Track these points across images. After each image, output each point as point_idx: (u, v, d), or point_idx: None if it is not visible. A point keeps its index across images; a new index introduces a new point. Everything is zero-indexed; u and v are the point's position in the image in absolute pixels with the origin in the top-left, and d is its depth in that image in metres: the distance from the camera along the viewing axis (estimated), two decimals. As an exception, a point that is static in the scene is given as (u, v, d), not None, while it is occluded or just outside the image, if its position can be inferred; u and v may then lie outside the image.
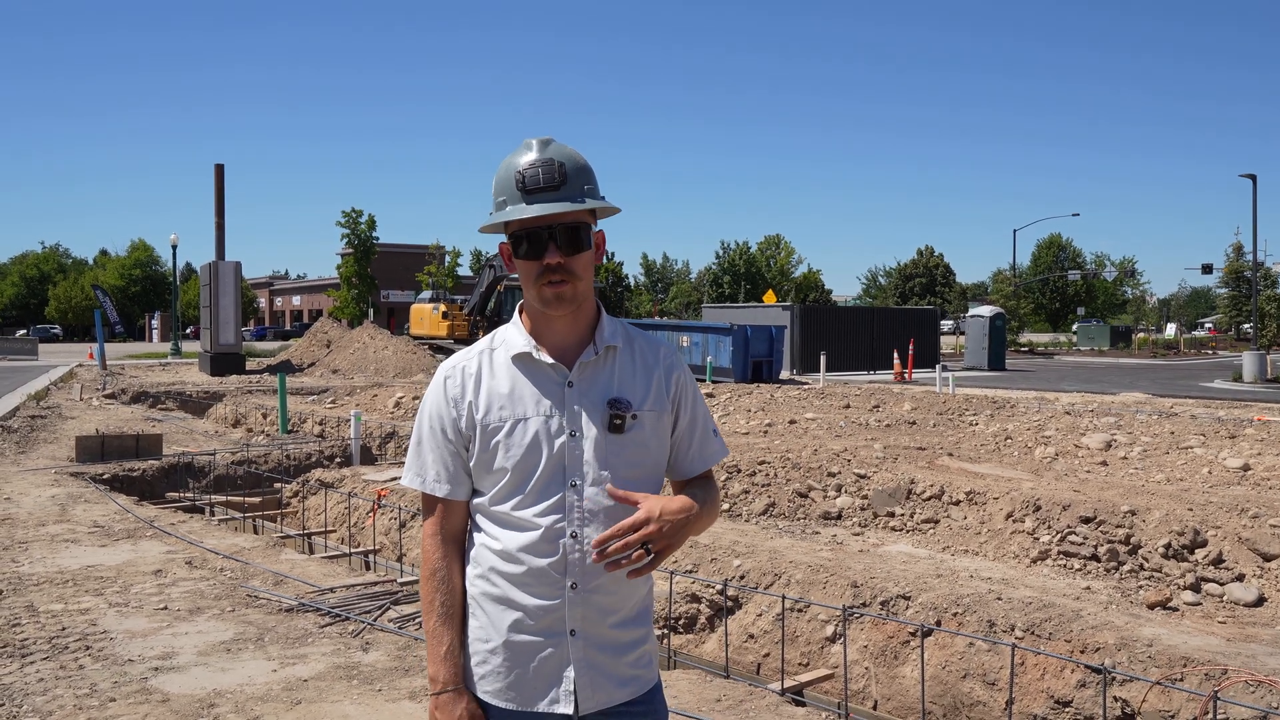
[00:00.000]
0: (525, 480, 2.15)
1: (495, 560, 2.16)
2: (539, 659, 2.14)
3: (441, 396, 2.23)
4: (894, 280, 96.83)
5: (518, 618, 2.14)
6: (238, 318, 29.20)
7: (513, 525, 2.16)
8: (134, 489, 11.15)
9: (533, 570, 2.13)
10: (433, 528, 2.23)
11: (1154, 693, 5.28)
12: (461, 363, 2.26)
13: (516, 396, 2.19)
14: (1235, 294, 58.94)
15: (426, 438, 2.24)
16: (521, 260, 2.17)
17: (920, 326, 37.70)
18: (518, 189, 2.14)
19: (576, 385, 2.19)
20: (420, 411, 2.28)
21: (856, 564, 7.34)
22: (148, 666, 5.18)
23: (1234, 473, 10.01)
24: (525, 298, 2.24)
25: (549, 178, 2.14)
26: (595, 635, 2.16)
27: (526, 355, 2.21)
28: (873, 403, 17.69)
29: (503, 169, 2.20)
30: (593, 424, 2.17)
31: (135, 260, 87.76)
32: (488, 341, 2.29)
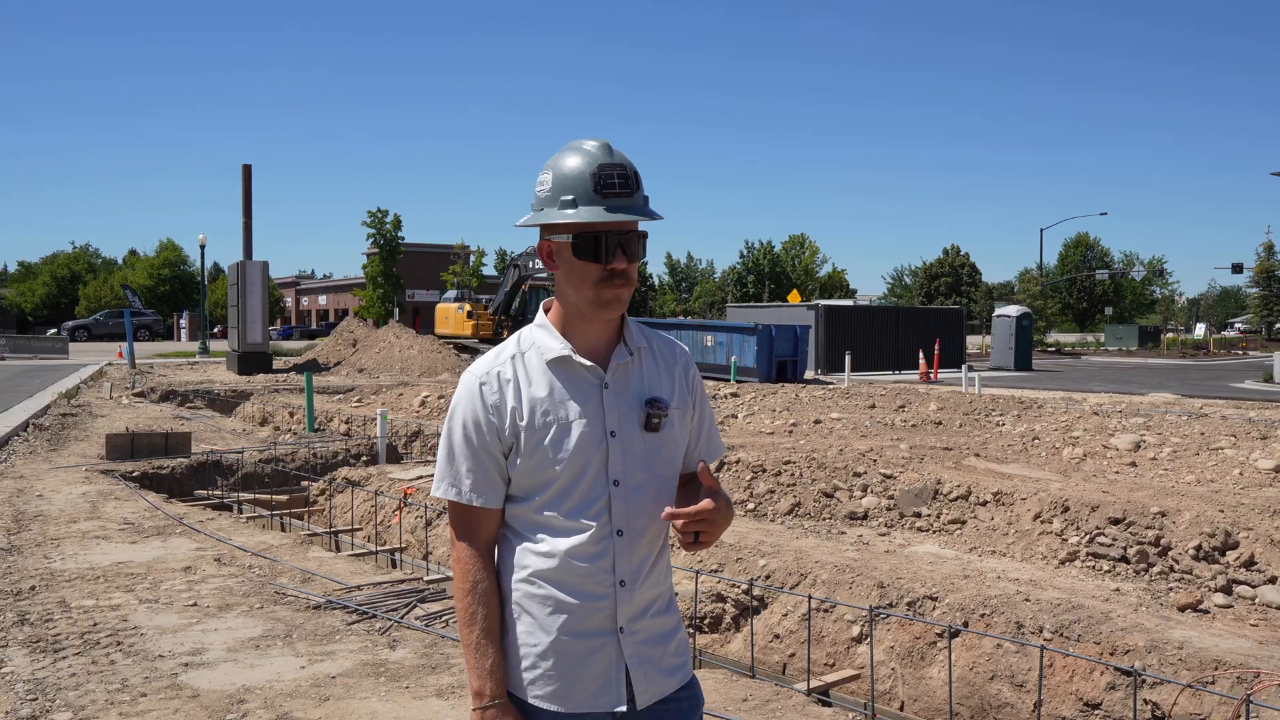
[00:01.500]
0: (573, 483, 2.15)
1: (542, 564, 2.15)
2: (592, 658, 2.15)
3: (479, 404, 2.17)
4: (919, 280, 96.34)
5: (567, 619, 2.14)
6: (265, 317, 29.39)
7: (561, 528, 2.15)
8: (163, 487, 11.25)
9: (583, 571, 2.14)
10: (469, 539, 2.18)
11: (1185, 696, 5.23)
12: (494, 368, 2.20)
13: (557, 400, 2.16)
14: (1266, 293, 58.29)
15: (460, 447, 2.18)
16: (582, 262, 2.13)
17: (946, 326, 37.49)
18: (593, 190, 2.11)
19: (612, 386, 2.20)
20: (451, 420, 2.21)
21: (883, 564, 7.31)
22: (178, 662, 5.23)
23: (1266, 474, 9.89)
24: (568, 299, 2.19)
25: (624, 183, 2.13)
26: (642, 629, 2.19)
27: (565, 359, 2.18)
28: (898, 403, 17.60)
29: (566, 167, 2.14)
30: (630, 424, 2.19)
31: (164, 260, 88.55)
32: (514, 345, 2.25)
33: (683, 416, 2.28)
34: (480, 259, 60.18)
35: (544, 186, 2.16)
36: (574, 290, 2.16)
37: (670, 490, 2.25)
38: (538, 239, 2.28)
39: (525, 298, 33.69)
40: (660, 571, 2.25)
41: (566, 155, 2.15)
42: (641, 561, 2.19)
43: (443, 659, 5.36)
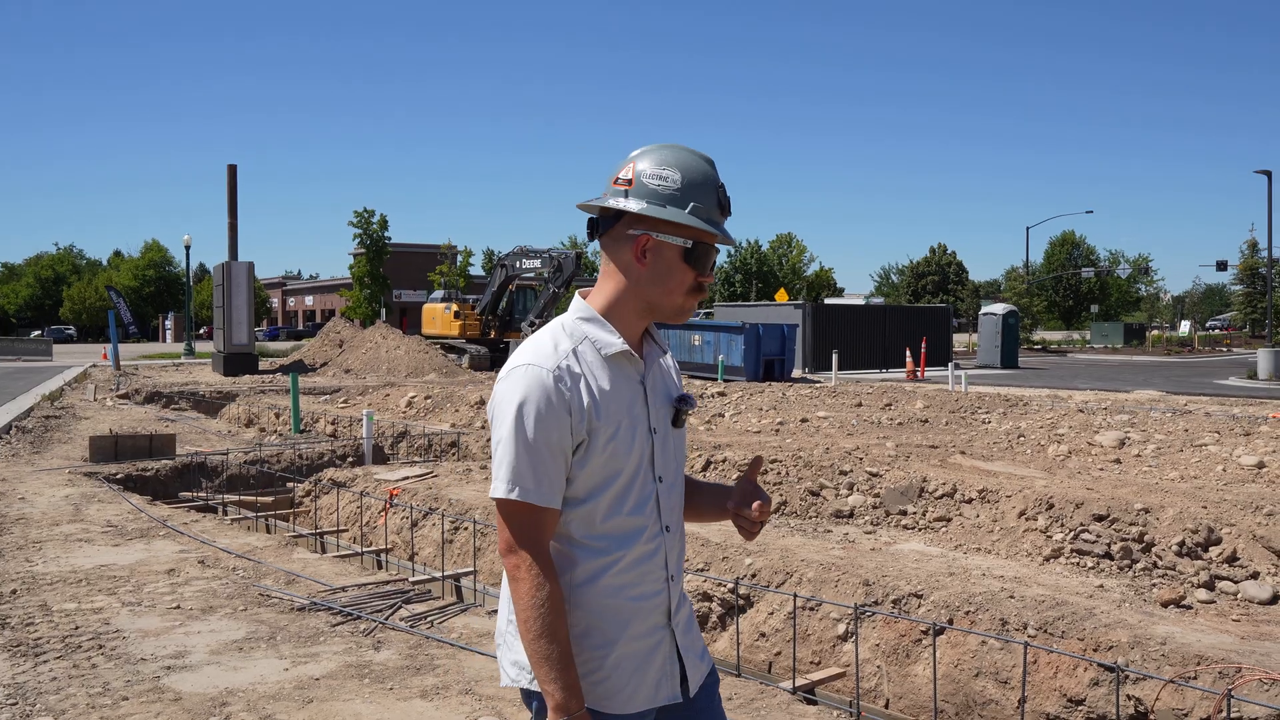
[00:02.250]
0: (632, 480, 2.14)
1: (607, 567, 2.11)
2: (655, 654, 2.18)
3: (554, 399, 2.05)
4: (907, 278, 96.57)
5: (633, 622, 2.14)
6: (251, 318, 29.29)
7: (623, 529, 2.13)
8: (147, 489, 11.20)
9: (643, 570, 2.15)
10: (539, 544, 2.06)
11: (1167, 691, 5.25)
12: (562, 362, 2.10)
13: (616, 396, 2.14)
14: (1250, 291, 58.61)
15: (531, 444, 2.05)
16: (687, 267, 2.15)
17: (933, 325, 37.58)
18: (718, 206, 2.17)
19: (648, 383, 2.22)
20: (517, 416, 2.06)
21: (868, 562, 7.32)
22: (160, 665, 5.20)
23: (1249, 470, 9.94)
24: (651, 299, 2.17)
25: (729, 206, 2.21)
26: (683, 619, 2.26)
27: (625, 354, 2.17)
28: (885, 401, 17.64)
29: (698, 175, 2.15)
30: (664, 421, 2.23)
31: (149, 261, 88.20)
32: (564, 337, 2.16)
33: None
34: (467, 259, 60.10)
35: (667, 183, 2.13)
36: (664, 293, 2.16)
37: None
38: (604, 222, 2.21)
39: (512, 298, 33.61)
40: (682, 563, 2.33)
41: (687, 160, 2.16)
42: (680, 554, 2.27)
43: (427, 660, 5.34)
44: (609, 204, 2.16)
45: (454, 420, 16.87)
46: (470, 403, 17.55)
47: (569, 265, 29.23)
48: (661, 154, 2.16)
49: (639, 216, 2.14)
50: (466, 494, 10.08)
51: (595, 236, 2.23)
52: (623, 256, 2.17)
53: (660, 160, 2.15)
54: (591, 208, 2.23)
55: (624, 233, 2.16)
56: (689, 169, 2.14)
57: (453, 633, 5.83)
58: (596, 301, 2.20)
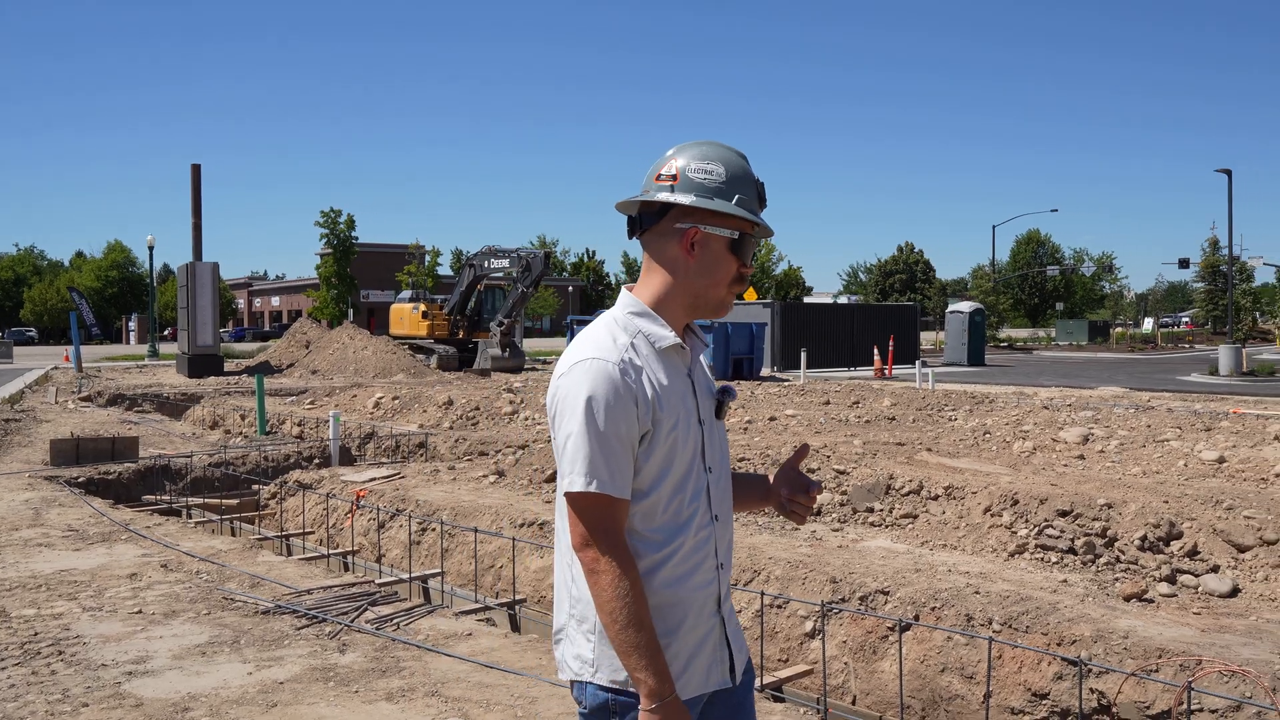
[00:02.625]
0: (688, 471, 2.19)
1: (662, 557, 2.16)
2: (707, 641, 2.22)
3: (623, 390, 2.10)
4: (874, 277, 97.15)
5: (687, 610, 2.19)
6: (215, 319, 28.98)
7: (679, 518, 2.18)
8: (109, 492, 11.06)
9: (698, 558, 2.20)
10: (617, 536, 2.10)
11: (1130, 684, 5.30)
12: (624, 355, 2.14)
13: (672, 388, 2.19)
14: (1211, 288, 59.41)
15: (605, 437, 2.08)
16: (733, 259, 2.23)
17: (900, 323, 37.81)
18: (758, 198, 2.26)
19: (693, 376, 2.27)
20: (588, 409, 2.09)
21: (835, 560, 7.35)
22: (121, 671, 5.13)
23: (1209, 465, 10.07)
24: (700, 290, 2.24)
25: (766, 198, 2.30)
26: (729, 607, 2.31)
27: (677, 348, 2.23)
28: (853, 399, 17.73)
29: (740, 169, 2.24)
30: (709, 412, 2.29)
31: (112, 262, 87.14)
32: (619, 330, 2.20)
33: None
34: (435, 259, 59.85)
35: (713, 176, 2.20)
36: (711, 285, 2.23)
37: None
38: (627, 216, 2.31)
39: (481, 298, 33.45)
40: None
41: (727, 154, 2.24)
42: (729, 543, 2.31)
43: (393, 662, 5.31)
44: (659, 198, 2.22)
45: (422, 421, 16.78)
46: (438, 403, 17.47)
47: (537, 265, 29.14)
48: (702, 149, 2.24)
49: (687, 210, 2.20)
50: (434, 495, 10.03)
51: (636, 234, 2.29)
52: (669, 251, 2.23)
53: (702, 155, 2.23)
54: (632, 205, 2.28)
55: (671, 227, 2.22)
56: (730, 163, 2.23)
57: (419, 634, 5.79)
58: (644, 296, 2.25)
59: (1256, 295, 62.91)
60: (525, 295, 29.86)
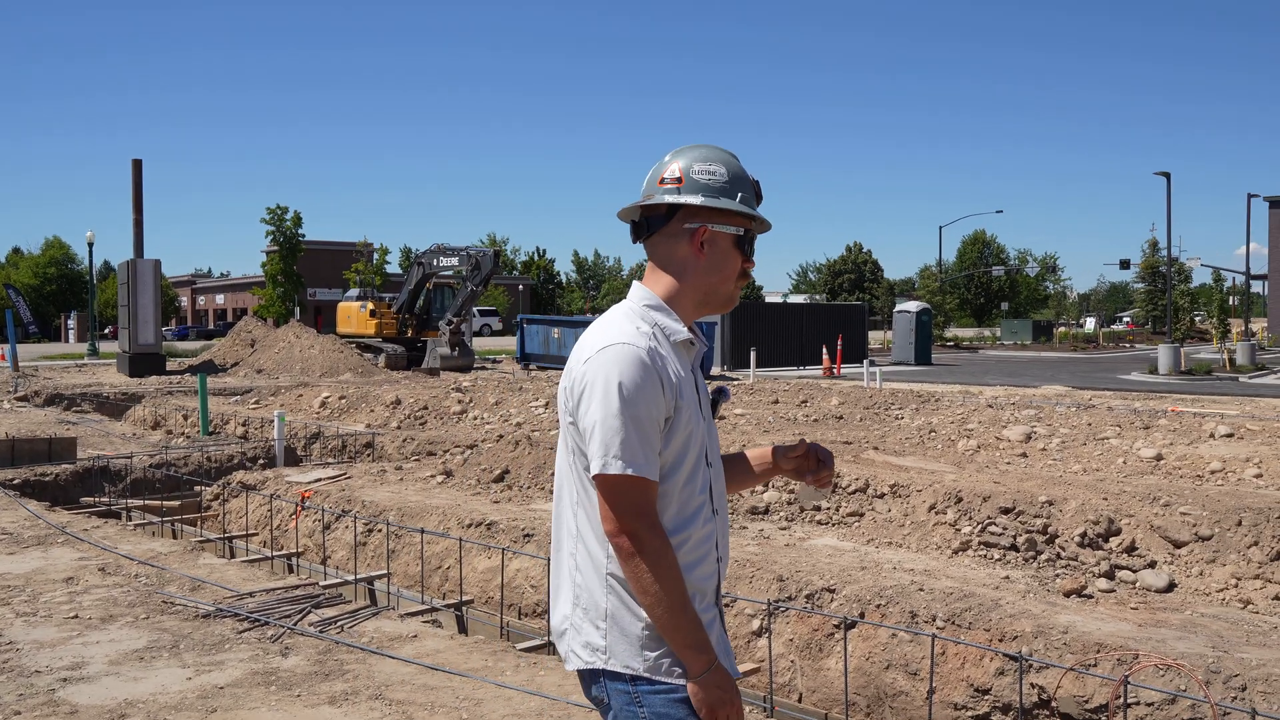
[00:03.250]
0: (698, 462, 2.26)
1: (678, 543, 2.21)
2: (713, 631, 2.26)
3: (654, 376, 2.16)
4: (824, 276, 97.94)
5: (696, 596, 2.23)
6: (157, 317, 28.46)
7: (691, 506, 2.24)
8: (46, 494, 10.82)
9: (705, 549, 2.26)
10: (654, 518, 2.16)
11: (1069, 678, 5.39)
12: (650, 345, 2.21)
13: (686, 381, 2.26)
14: (1151, 289, 60.66)
15: (639, 420, 2.13)
16: (739, 256, 2.32)
17: (849, 322, 38.14)
18: (756, 195, 2.36)
19: (695, 372, 2.34)
20: (619, 393, 2.13)
21: (783, 558, 7.39)
22: (56, 678, 5.02)
23: (1147, 462, 10.28)
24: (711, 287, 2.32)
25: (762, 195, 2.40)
26: (723, 603, 2.42)
27: (688, 344, 2.30)
28: (801, 398, 17.85)
29: (739, 169, 2.34)
30: (708, 408, 2.37)
31: (50, 259, 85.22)
32: (640, 321, 2.27)
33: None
34: (384, 257, 59.26)
35: (716, 177, 2.30)
36: (720, 280, 2.31)
37: None
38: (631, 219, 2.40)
39: (430, 296, 33.19)
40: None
41: (724, 155, 2.35)
42: (727, 538, 2.37)
43: (336, 665, 5.24)
44: (667, 200, 2.29)
45: (369, 420, 16.61)
46: (386, 403, 17.31)
47: (487, 263, 28.98)
48: (701, 152, 2.34)
49: (695, 210, 2.28)
50: (380, 495, 9.93)
51: (641, 239, 2.35)
52: (679, 251, 2.31)
53: (703, 157, 2.33)
54: (634, 210, 2.35)
55: (680, 228, 2.30)
56: (729, 164, 2.34)
57: (364, 637, 5.73)
58: (658, 291, 2.32)
59: (1194, 296, 64.31)
60: (475, 294, 29.69)
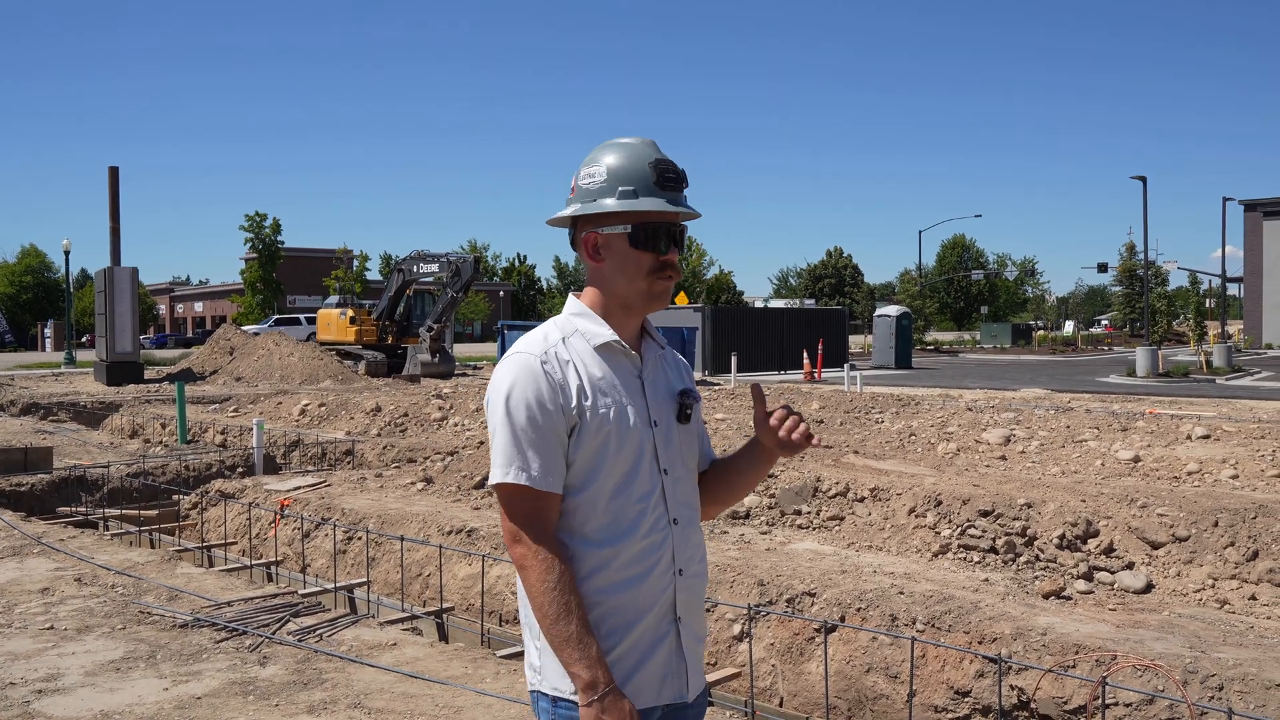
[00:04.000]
0: (633, 470, 2.14)
1: (606, 558, 2.11)
2: (662, 651, 2.15)
3: (543, 382, 2.10)
4: (804, 281, 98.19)
5: (639, 613, 2.13)
6: (135, 325, 28.25)
7: (625, 518, 2.13)
8: (21, 504, 10.71)
9: (648, 562, 2.14)
10: (540, 528, 2.08)
11: (1047, 680, 5.41)
12: (550, 348, 2.15)
13: (610, 384, 2.16)
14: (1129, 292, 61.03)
15: (525, 428, 2.08)
16: (638, 251, 2.18)
17: (830, 326, 38.25)
18: (654, 183, 2.18)
19: (646, 378, 2.24)
20: (509, 401, 2.10)
21: (763, 562, 7.39)
22: (30, 689, 4.97)
23: (1125, 464, 10.34)
24: (621, 290, 2.21)
25: (677, 177, 2.22)
26: (692, 623, 2.23)
27: (613, 345, 2.20)
28: (782, 402, 17.85)
29: (622, 160, 2.19)
30: (667, 415, 2.24)
31: (26, 267, 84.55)
32: (554, 329, 2.22)
33: (698, 413, 2.36)
34: (364, 263, 59.09)
35: (595, 179, 2.19)
36: (626, 282, 2.19)
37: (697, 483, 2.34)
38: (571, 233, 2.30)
39: (410, 303, 33.08)
40: (704, 565, 2.30)
41: (616, 150, 2.21)
42: (692, 550, 2.24)
43: (315, 674, 5.21)
44: (555, 216, 2.27)
45: (349, 428, 16.54)
46: (366, 410, 17.24)
47: (467, 270, 28.92)
48: (592, 154, 2.25)
49: (585, 219, 2.22)
50: (360, 503, 9.89)
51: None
52: (586, 260, 2.25)
53: (589, 159, 2.23)
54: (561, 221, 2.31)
55: (579, 237, 2.25)
56: (614, 157, 2.20)
57: (343, 645, 5.70)
58: (586, 300, 2.27)
59: (1171, 299, 64.80)
60: (455, 300, 29.61)
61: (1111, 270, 57.62)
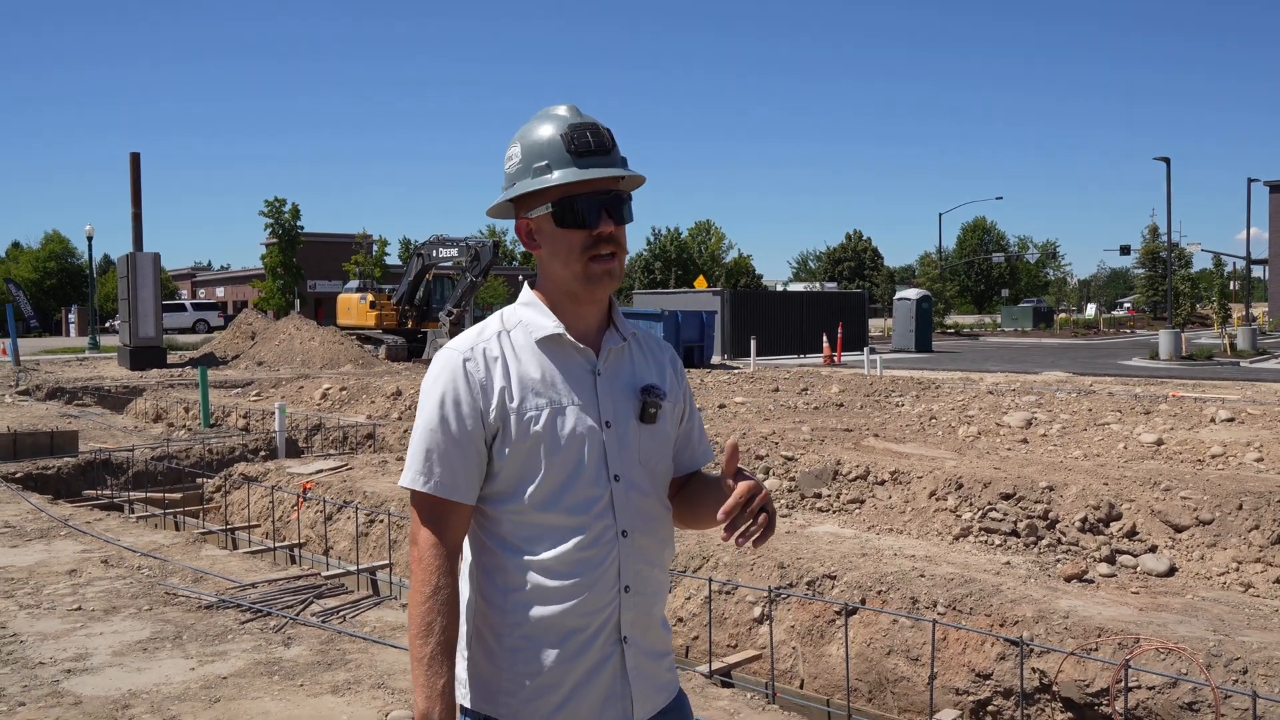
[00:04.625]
0: (571, 477, 1.95)
1: (536, 573, 1.93)
2: (597, 674, 1.96)
3: (462, 382, 1.94)
4: (824, 264, 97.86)
5: (570, 632, 1.94)
6: (157, 310, 28.46)
7: (561, 529, 1.94)
8: (48, 488, 10.83)
9: (587, 578, 1.94)
10: (433, 538, 1.92)
11: (1070, 663, 5.40)
12: (478, 344, 1.98)
13: (549, 383, 1.97)
14: (1151, 274, 60.62)
15: (436, 431, 1.93)
16: (566, 230, 1.96)
17: (849, 310, 38.12)
18: (567, 151, 1.95)
19: (604, 374, 2.03)
20: (426, 401, 1.97)
21: (784, 545, 7.40)
22: (60, 669, 5.03)
23: (1148, 447, 10.28)
24: (556, 277, 2.02)
25: (599, 141, 1.97)
26: (644, 641, 2.02)
27: (557, 338, 2.00)
28: (801, 386, 17.86)
29: (534, 135, 1.99)
30: (625, 415, 2.02)
31: (50, 253, 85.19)
32: (497, 322, 2.05)
33: (672, 410, 2.12)
34: (383, 248, 59.24)
35: (513, 160, 2.02)
36: (562, 266, 1.98)
37: (665, 486, 2.10)
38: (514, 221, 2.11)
39: (430, 287, 33.19)
40: (662, 579, 2.09)
41: (534, 124, 2.01)
42: (645, 565, 2.02)
43: (339, 655, 5.26)
44: (489, 208, 2.12)
45: (370, 412, 16.63)
46: (387, 394, 17.32)
47: (486, 254, 28.96)
48: (516, 134, 2.06)
49: (520, 205, 2.05)
50: (382, 486, 9.95)
51: None
52: (529, 249, 2.08)
53: (511, 142, 2.06)
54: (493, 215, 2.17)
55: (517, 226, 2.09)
56: (527, 134, 2.02)
57: (365, 627, 5.75)
58: (538, 291, 2.08)
59: (1195, 281, 64.24)
60: (475, 284, 29.67)
61: (1134, 253, 57.21)
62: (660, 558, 2.08)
